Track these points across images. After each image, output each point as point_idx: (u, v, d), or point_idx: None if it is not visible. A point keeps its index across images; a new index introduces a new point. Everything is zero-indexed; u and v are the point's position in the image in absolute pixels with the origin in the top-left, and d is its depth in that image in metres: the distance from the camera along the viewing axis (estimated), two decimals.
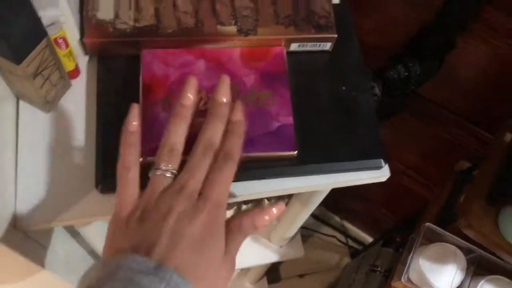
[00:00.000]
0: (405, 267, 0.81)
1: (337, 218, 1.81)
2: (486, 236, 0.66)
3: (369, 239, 1.76)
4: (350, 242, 1.78)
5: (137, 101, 0.51)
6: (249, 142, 0.51)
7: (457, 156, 1.02)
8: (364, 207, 1.63)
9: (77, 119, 0.55)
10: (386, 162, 0.55)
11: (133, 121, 0.44)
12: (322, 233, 1.77)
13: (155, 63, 0.54)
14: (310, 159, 0.53)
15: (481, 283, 0.79)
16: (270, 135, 0.52)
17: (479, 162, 0.89)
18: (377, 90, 0.77)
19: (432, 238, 0.82)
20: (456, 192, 0.88)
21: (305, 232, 1.76)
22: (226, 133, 0.44)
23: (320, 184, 0.55)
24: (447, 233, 0.79)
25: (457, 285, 0.80)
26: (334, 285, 1.70)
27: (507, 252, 0.68)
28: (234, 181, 0.44)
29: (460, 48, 0.80)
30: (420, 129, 1.07)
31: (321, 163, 0.53)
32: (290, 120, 0.53)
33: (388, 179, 0.57)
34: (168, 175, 0.42)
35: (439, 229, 0.79)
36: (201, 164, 0.42)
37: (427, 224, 0.80)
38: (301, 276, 1.74)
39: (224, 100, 0.45)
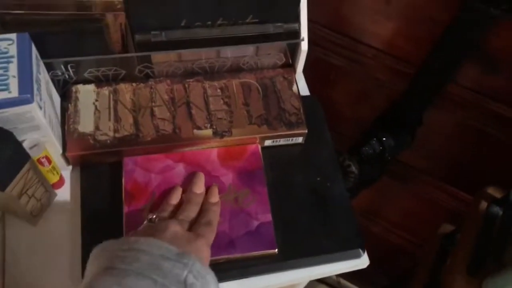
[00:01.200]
0: None
1: (333, 276, 1.80)
2: None
3: None
4: None
5: (121, 209, 0.54)
6: (230, 244, 0.53)
7: (440, 215, 1.04)
8: None
9: (63, 227, 0.56)
10: (364, 251, 0.57)
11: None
12: None
13: (137, 170, 0.56)
14: (290, 254, 0.55)
15: None
16: (250, 235, 0.54)
17: (461, 224, 0.92)
18: (353, 168, 0.79)
19: None
20: (441, 258, 0.89)
21: None
22: (203, 212, 0.52)
23: (301, 277, 0.56)
24: None
25: None
26: None
27: None
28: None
29: (432, 120, 0.83)
30: (400, 190, 1.10)
31: (301, 257, 0.55)
32: (268, 217, 0.55)
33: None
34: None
35: None
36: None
37: None
38: None
39: (199, 192, 0.54)
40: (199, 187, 0.55)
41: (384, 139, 0.82)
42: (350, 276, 1.77)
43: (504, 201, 0.73)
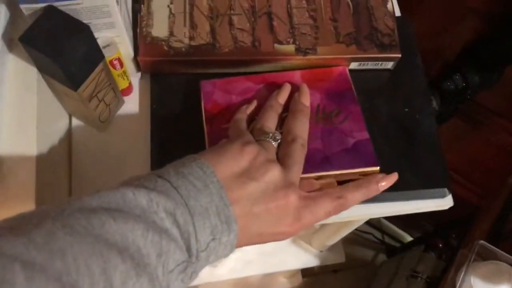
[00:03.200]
0: (454, 283, 0.78)
1: None
2: None
3: (406, 236, 1.73)
4: (387, 239, 1.75)
5: (197, 124, 0.50)
6: (325, 160, 0.48)
7: (510, 165, 0.98)
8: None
9: (130, 136, 0.54)
10: (450, 191, 0.52)
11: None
12: (358, 230, 1.75)
13: (216, 92, 0.52)
14: None
15: None
16: (347, 152, 0.48)
17: None
18: (434, 103, 0.73)
19: (484, 256, 0.79)
20: (509, 206, 0.84)
21: None
22: (290, 120, 0.47)
23: (380, 212, 0.52)
24: (501, 251, 0.75)
25: None
26: (368, 282, 1.68)
27: None
28: None
29: None
30: (470, 134, 1.03)
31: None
32: (365, 134, 0.49)
33: None
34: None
35: (493, 248, 0.76)
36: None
37: (481, 241, 0.77)
38: (335, 271, 1.73)
39: (281, 101, 0.49)
40: (283, 97, 0.49)
41: (469, 75, 0.74)
42: (392, 216, 1.75)
43: None
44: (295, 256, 1.06)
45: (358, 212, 0.51)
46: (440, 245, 1.17)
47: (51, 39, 0.41)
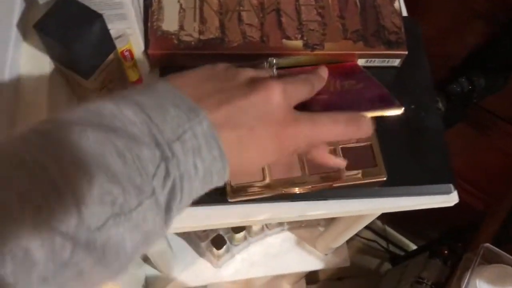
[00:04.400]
0: (460, 287, 0.78)
1: (379, 223, 1.78)
2: None
3: (410, 245, 1.72)
4: (391, 248, 1.74)
5: None
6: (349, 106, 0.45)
7: None
8: (407, 213, 1.59)
9: None
10: (455, 187, 0.52)
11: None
12: (363, 237, 1.74)
13: None
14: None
15: None
16: (368, 101, 0.47)
17: None
18: (440, 105, 0.73)
19: (490, 259, 0.78)
20: None
21: None
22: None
23: (384, 207, 0.53)
24: (507, 254, 0.75)
25: None
26: None
27: None
28: (293, 200, 0.48)
29: None
30: (476, 140, 1.03)
31: (389, 186, 0.51)
32: (384, 91, 0.47)
33: None
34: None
35: (499, 250, 0.76)
36: None
37: (486, 244, 0.77)
38: (340, 279, 1.72)
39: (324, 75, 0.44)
40: (324, 72, 0.44)
41: (475, 78, 0.75)
42: (397, 224, 1.74)
43: None
44: (299, 258, 1.06)
45: (366, 206, 0.52)
46: (446, 251, 1.17)
47: (65, 27, 0.42)
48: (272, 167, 0.49)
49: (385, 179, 0.50)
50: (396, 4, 0.57)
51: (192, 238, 1.02)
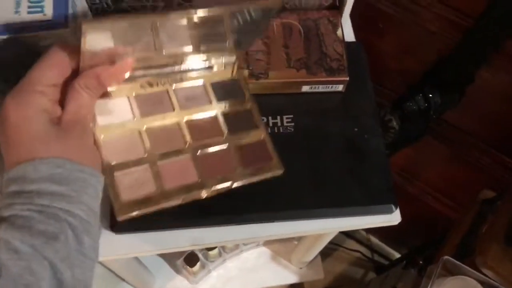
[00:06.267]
0: None
1: (363, 232, 1.80)
2: (505, 278, 0.64)
3: (395, 254, 1.74)
4: (376, 257, 1.76)
5: None
6: None
7: (481, 181, 1.00)
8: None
9: None
10: (396, 207, 0.55)
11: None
12: (347, 248, 1.76)
13: None
14: (321, 202, 0.53)
15: None
16: None
17: (504, 192, 0.87)
18: (394, 123, 0.76)
19: (452, 270, 0.80)
20: (478, 222, 0.86)
21: (330, 246, 1.75)
22: None
23: (329, 227, 0.55)
24: (467, 267, 0.77)
25: None
26: None
27: None
28: (239, 223, 0.49)
29: (482, 79, 0.78)
30: (442, 152, 1.05)
31: (332, 207, 0.54)
32: None
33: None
34: None
35: (459, 263, 0.78)
36: None
37: (446, 257, 0.79)
38: None
39: None
40: None
41: (430, 95, 0.78)
42: (381, 234, 1.76)
43: None
44: (275, 273, 1.08)
45: (309, 228, 0.54)
46: (420, 261, 1.19)
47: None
48: (164, 175, 0.46)
49: (281, 172, 0.49)
50: (339, 32, 0.59)
51: (167, 255, 1.04)
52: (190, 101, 0.49)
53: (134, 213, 0.43)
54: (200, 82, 0.50)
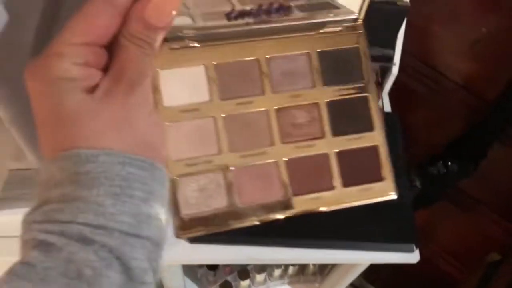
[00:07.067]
0: None
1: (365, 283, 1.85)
2: None
3: None
4: None
5: None
6: None
7: (490, 247, 1.11)
8: (400, 282, 1.68)
9: None
10: (417, 247, 0.66)
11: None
12: None
13: None
14: (345, 235, 0.63)
15: None
16: None
17: (506, 255, 0.98)
18: (417, 183, 0.89)
19: None
20: (483, 284, 0.95)
21: None
22: None
23: (358, 258, 0.66)
24: None
25: None
26: None
27: None
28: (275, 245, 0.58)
29: (496, 155, 0.92)
30: (457, 217, 1.17)
31: (355, 240, 0.63)
32: None
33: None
34: None
35: None
36: None
37: None
38: None
39: None
40: None
41: (449, 163, 0.91)
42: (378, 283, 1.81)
43: None
44: None
45: (331, 257, 0.65)
46: None
47: None
48: (240, 186, 0.36)
49: (395, 197, 0.41)
50: (379, 103, 0.74)
51: (203, 283, 1.16)
52: (287, 77, 0.36)
53: (197, 234, 0.36)
54: (302, 49, 0.36)
